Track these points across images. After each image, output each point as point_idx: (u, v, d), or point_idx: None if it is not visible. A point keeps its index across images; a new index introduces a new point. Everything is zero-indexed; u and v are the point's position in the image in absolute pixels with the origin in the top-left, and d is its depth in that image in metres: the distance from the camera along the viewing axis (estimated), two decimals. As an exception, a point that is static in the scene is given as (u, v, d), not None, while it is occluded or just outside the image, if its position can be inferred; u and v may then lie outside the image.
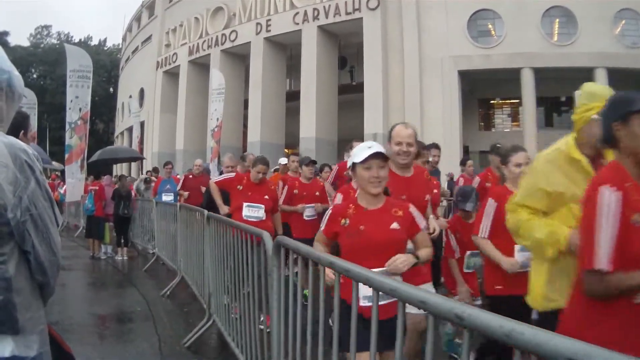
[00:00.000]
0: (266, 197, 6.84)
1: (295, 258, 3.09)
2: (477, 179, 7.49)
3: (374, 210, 3.23)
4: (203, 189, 10.48)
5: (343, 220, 3.22)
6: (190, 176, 11.71)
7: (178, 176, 14.91)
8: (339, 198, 4.12)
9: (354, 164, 3.24)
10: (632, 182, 2.16)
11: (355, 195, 3.43)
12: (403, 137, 4.01)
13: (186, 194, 11.27)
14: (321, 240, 3.35)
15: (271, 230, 5.90)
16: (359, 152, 3.21)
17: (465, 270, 5.05)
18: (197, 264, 7.09)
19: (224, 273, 5.34)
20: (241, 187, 6.92)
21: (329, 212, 3.39)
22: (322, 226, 3.36)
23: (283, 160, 11.48)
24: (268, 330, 3.58)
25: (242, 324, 4.49)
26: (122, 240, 13.10)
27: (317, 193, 8.19)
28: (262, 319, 4.05)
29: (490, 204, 4.14)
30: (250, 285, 4.28)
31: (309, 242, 3.49)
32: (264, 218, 6.71)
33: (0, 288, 1.88)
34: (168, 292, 8.59)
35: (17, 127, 3.82)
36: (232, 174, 7.69)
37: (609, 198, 2.09)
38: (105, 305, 8.09)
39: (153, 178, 15.05)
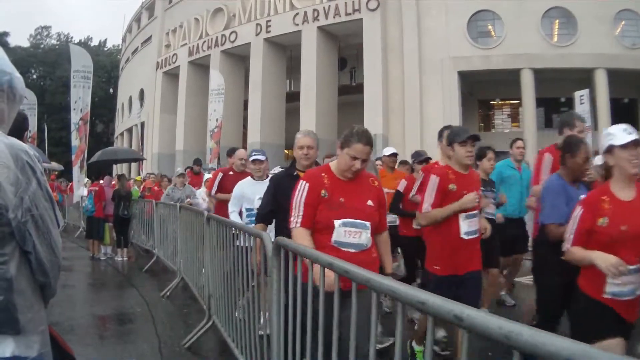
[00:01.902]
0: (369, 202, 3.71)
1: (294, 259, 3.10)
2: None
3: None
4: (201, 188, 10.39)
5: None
6: (230, 172, 8.27)
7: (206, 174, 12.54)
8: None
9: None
10: None
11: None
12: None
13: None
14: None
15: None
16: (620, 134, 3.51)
17: None
18: (197, 265, 7.09)
19: (224, 274, 5.35)
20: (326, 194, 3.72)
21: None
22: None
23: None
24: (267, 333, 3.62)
25: (242, 325, 4.50)
26: (122, 241, 13.11)
27: None
28: (261, 323, 4.06)
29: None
30: (250, 288, 4.30)
31: None
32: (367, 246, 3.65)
33: (1, 289, 1.88)
34: (168, 293, 8.60)
35: (20, 128, 3.83)
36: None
37: None
38: (105, 306, 8.10)
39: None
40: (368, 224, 3.58)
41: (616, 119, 27.10)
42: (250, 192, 6.27)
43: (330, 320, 2.50)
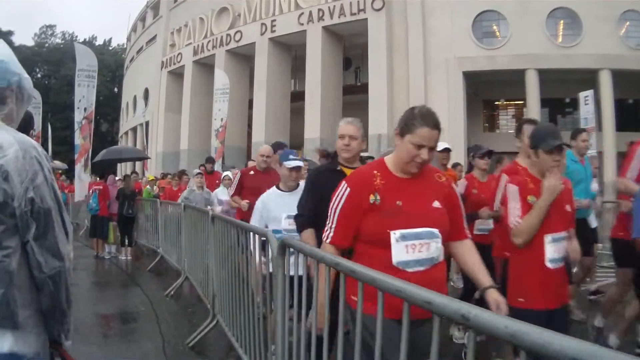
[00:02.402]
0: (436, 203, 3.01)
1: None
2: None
3: None
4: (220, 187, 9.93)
5: None
6: (252, 172, 7.48)
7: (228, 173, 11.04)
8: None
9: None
10: None
11: None
12: None
13: (244, 204, 7.14)
14: None
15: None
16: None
17: None
18: (202, 264, 7.10)
19: (229, 274, 5.35)
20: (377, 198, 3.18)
21: None
22: None
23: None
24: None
25: (247, 325, 4.49)
26: (126, 240, 13.12)
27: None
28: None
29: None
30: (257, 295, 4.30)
31: None
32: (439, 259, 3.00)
33: (3, 281, 1.89)
34: (172, 292, 8.61)
35: (25, 126, 3.85)
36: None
37: None
38: (109, 305, 8.11)
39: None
40: (436, 231, 2.81)
41: (620, 119, 27.11)
42: (275, 207, 5.05)
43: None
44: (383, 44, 30.46)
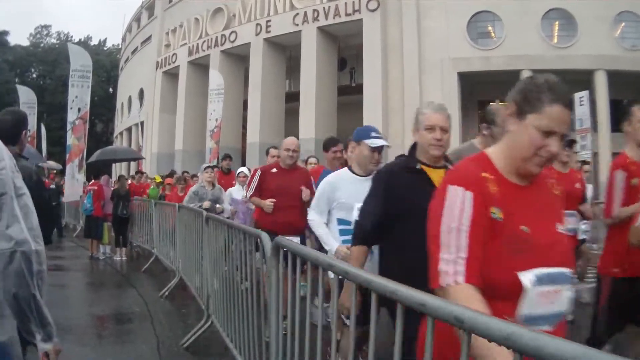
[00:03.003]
0: (559, 226, 2.20)
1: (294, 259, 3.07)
2: None
3: None
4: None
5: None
6: (274, 170, 6.56)
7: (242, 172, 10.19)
8: None
9: None
10: None
11: None
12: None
13: (269, 205, 6.24)
14: None
15: None
16: None
17: None
18: (196, 264, 7.08)
19: (223, 274, 5.34)
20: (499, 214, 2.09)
21: None
22: None
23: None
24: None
25: (241, 325, 4.48)
26: (121, 241, 13.10)
27: None
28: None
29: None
30: (249, 284, 4.27)
31: None
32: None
33: None
34: (167, 293, 8.60)
35: (20, 125, 3.83)
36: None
37: None
38: (104, 305, 8.09)
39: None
40: (569, 272, 1.92)
41: (616, 120, 27.16)
42: (346, 193, 4.25)
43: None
44: (378, 45, 30.47)
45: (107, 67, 69.83)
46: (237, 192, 9.44)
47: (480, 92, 33.60)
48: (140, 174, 17.71)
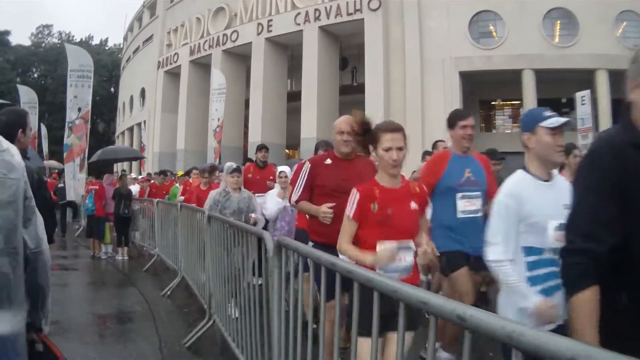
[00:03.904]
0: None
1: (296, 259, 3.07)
2: None
3: None
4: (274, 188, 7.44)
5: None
6: (328, 161, 4.94)
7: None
8: None
9: None
10: None
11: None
12: None
13: (326, 212, 4.58)
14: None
15: None
16: None
17: None
18: (198, 264, 7.08)
19: (225, 273, 5.34)
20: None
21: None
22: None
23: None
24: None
25: (243, 324, 4.49)
26: (123, 240, 13.10)
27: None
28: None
29: None
30: (250, 280, 4.27)
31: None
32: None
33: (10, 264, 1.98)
34: (168, 292, 8.60)
35: (14, 125, 3.84)
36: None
37: None
38: (106, 305, 8.09)
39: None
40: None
41: (617, 119, 27.09)
42: (533, 206, 2.94)
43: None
44: (379, 44, 30.45)
45: (108, 66, 69.80)
46: (272, 198, 7.49)
47: (481, 91, 33.62)
48: (163, 174, 15.50)
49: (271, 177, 8.94)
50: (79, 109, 16.54)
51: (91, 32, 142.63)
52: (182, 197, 11.34)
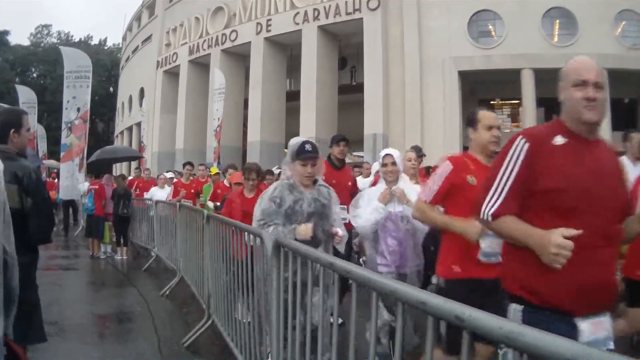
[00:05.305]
0: None
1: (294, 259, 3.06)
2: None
3: None
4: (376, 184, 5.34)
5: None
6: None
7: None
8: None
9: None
10: None
11: None
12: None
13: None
14: None
15: None
16: None
17: None
18: (197, 263, 7.08)
19: (223, 273, 5.34)
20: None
21: None
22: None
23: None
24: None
25: (242, 324, 4.49)
26: (122, 240, 13.10)
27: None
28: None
29: None
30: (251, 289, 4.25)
31: None
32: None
33: None
34: (167, 292, 8.60)
35: (8, 125, 3.84)
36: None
37: None
38: (105, 304, 8.09)
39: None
40: None
41: (617, 119, 27.15)
42: None
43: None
44: (379, 44, 30.44)
45: (107, 66, 69.85)
46: (368, 201, 4.95)
47: (481, 90, 33.63)
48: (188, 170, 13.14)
49: (350, 183, 6.80)
50: (78, 109, 16.57)
51: (90, 31, 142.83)
52: (210, 203, 9.78)
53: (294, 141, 4.53)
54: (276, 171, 7.19)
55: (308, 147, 4.36)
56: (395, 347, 1.90)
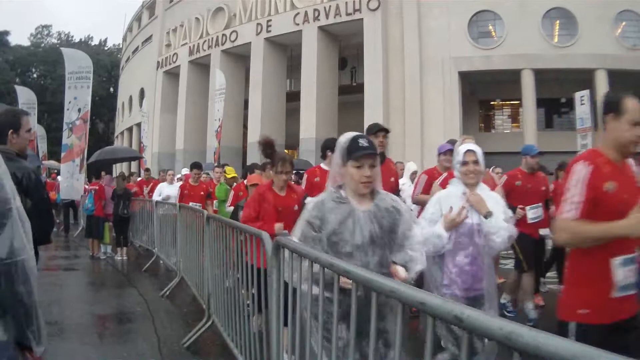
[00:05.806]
0: None
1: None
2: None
3: None
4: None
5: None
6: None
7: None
8: None
9: None
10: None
11: None
12: None
13: None
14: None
15: None
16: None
17: None
18: (197, 264, 7.08)
19: (223, 273, 5.33)
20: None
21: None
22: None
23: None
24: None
25: (242, 325, 4.48)
26: (122, 240, 13.09)
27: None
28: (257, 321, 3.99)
29: None
30: (254, 286, 4.24)
31: None
32: None
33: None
34: (167, 293, 8.60)
35: (6, 125, 3.84)
36: None
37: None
38: (105, 305, 8.08)
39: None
40: None
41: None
42: None
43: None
44: (379, 44, 30.46)
45: (107, 66, 69.88)
46: (436, 206, 4.28)
47: (481, 91, 33.65)
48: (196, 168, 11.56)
49: (392, 179, 5.95)
50: (79, 110, 16.54)
51: (90, 32, 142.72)
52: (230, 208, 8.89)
53: (344, 138, 3.25)
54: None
55: (363, 142, 3.14)
56: (396, 351, 1.90)
